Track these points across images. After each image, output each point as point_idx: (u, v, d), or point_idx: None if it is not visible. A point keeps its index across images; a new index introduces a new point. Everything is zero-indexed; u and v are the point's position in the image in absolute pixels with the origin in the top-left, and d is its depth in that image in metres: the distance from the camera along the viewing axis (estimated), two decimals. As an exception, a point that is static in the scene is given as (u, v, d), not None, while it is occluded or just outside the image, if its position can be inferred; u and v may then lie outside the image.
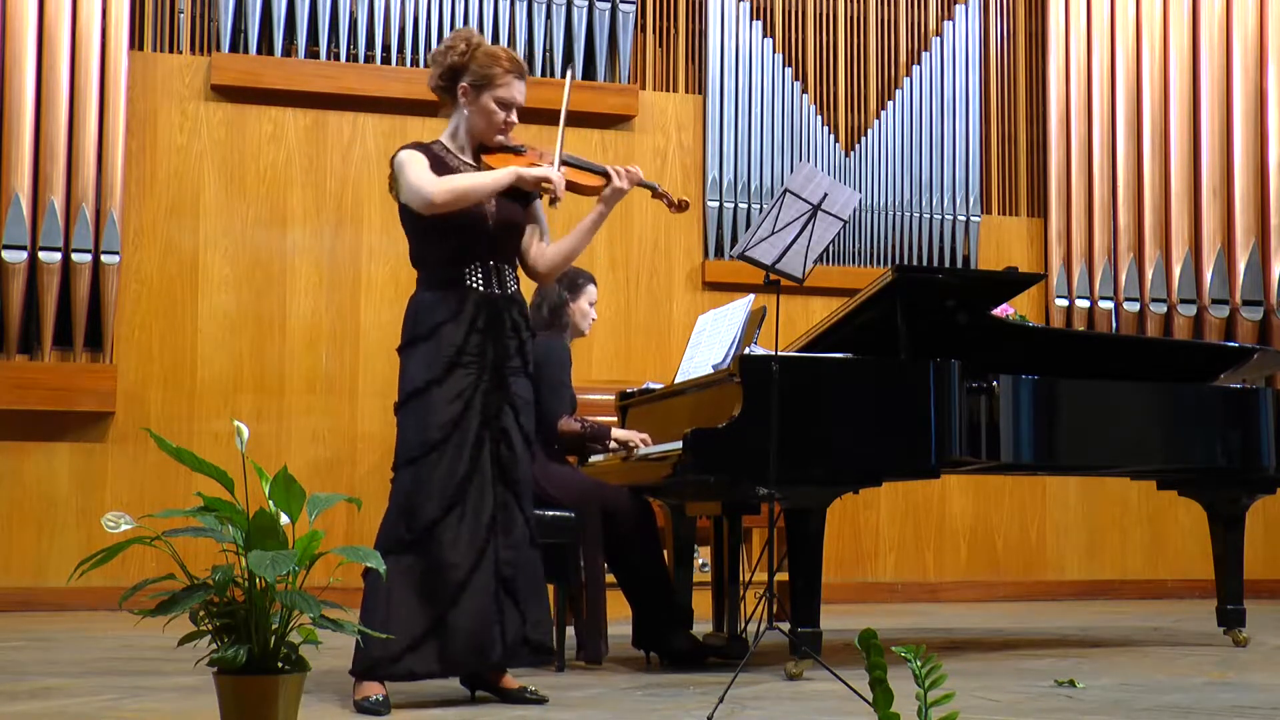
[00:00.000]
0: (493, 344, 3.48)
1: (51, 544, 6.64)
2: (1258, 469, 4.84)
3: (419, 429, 3.44)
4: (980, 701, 3.51)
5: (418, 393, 3.45)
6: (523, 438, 3.52)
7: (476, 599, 3.37)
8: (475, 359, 3.46)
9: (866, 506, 7.55)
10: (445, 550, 3.36)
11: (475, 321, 3.46)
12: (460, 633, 3.35)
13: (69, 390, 6.60)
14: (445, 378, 3.43)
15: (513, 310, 3.53)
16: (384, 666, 3.35)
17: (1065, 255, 7.99)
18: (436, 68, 3.61)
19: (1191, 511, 7.10)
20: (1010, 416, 4.29)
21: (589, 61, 7.38)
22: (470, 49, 3.56)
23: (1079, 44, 8.09)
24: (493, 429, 3.45)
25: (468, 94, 3.57)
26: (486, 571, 3.39)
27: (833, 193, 3.89)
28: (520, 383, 3.53)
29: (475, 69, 3.55)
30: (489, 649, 3.38)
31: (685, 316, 7.33)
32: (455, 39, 3.60)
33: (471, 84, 3.55)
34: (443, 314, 3.46)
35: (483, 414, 3.44)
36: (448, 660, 3.37)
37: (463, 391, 3.43)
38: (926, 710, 2.06)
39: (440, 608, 3.36)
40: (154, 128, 6.95)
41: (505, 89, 3.54)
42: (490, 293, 3.50)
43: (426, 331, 3.47)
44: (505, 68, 3.54)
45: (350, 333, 7.07)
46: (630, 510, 4.42)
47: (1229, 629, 5.02)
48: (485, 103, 3.55)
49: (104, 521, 2.54)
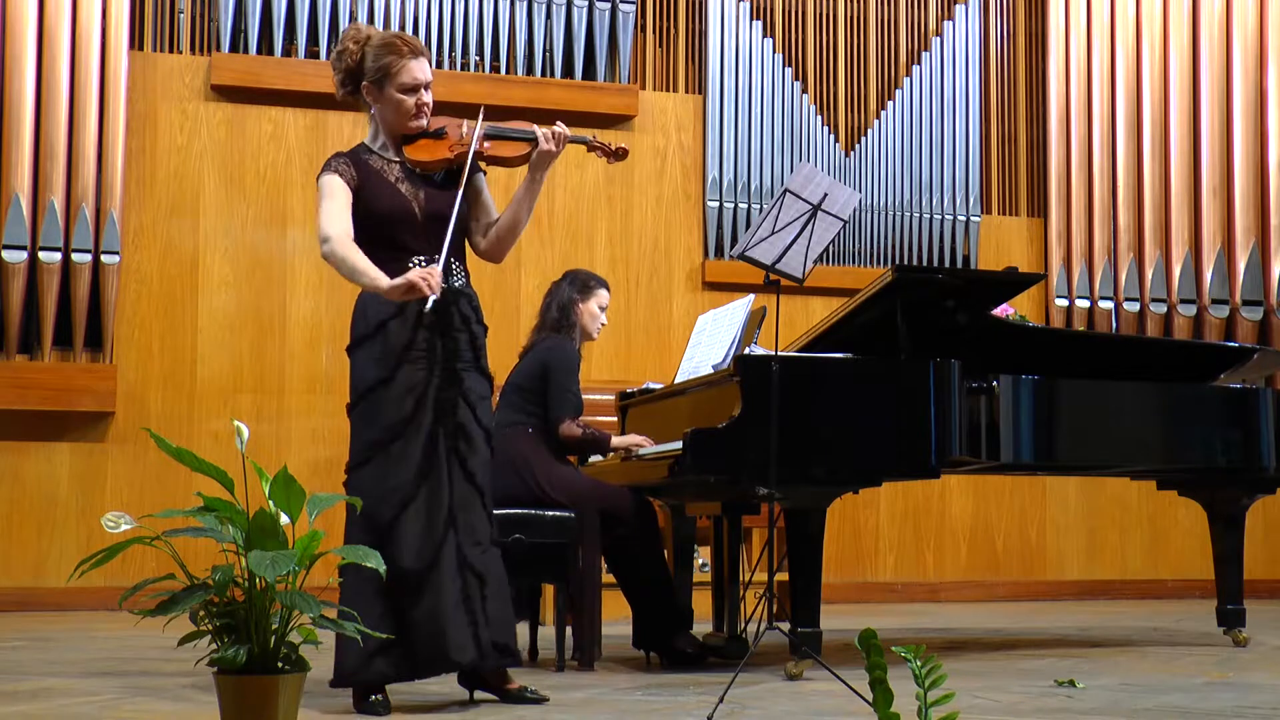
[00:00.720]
0: (441, 339, 3.41)
1: (51, 544, 6.64)
2: (1258, 469, 4.84)
3: (371, 429, 3.38)
4: (980, 701, 3.51)
5: (369, 391, 3.39)
6: (482, 432, 3.44)
7: (436, 597, 3.30)
8: (424, 354, 3.39)
9: (866, 506, 7.55)
10: (402, 549, 3.31)
11: (421, 316, 3.38)
12: (424, 632, 3.29)
13: (69, 390, 6.60)
14: (394, 375, 3.37)
15: (461, 303, 3.46)
16: (356, 673, 3.30)
17: (1065, 255, 7.99)
18: (336, 75, 3.52)
19: (1191, 511, 7.11)
20: (1010, 416, 4.29)
21: (589, 61, 7.37)
22: (361, 45, 3.48)
23: (1079, 44, 8.09)
24: (447, 425, 3.38)
25: (371, 92, 3.48)
26: (447, 570, 3.32)
27: (833, 193, 3.89)
28: (473, 377, 3.45)
29: (371, 65, 3.46)
30: (458, 650, 3.30)
31: (685, 316, 7.33)
32: (345, 41, 3.51)
33: (373, 81, 3.47)
34: (388, 310, 3.38)
35: (435, 410, 3.37)
36: (415, 661, 3.31)
37: (414, 388, 3.37)
38: (926, 710, 2.06)
39: (402, 608, 3.30)
40: (154, 128, 6.96)
41: (406, 73, 3.45)
42: None
43: (373, 329, 3.41)
44: (400, 53, 3.45)
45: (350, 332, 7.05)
46: (631, 510, 4.42)
47: (1229, 629, 5.02)
48: (390, 94, 3.46)
49: (104, 521, 2.54)
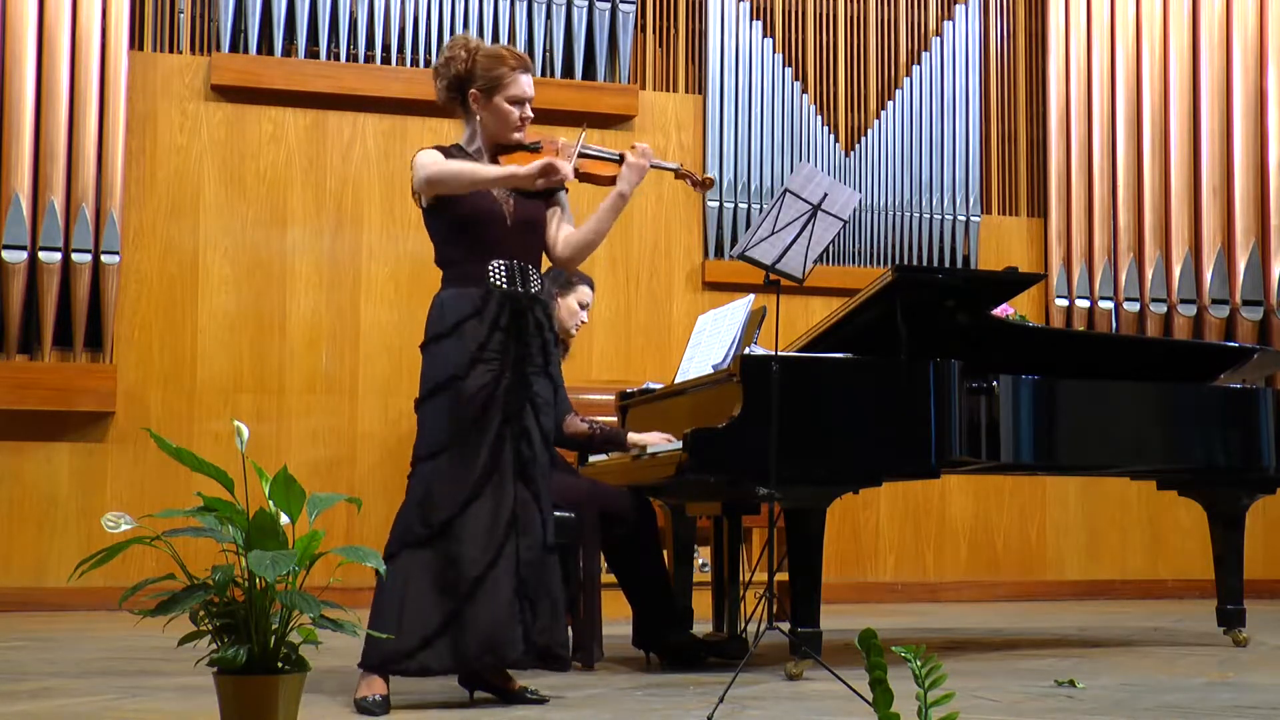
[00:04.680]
0: (515, 342, 3.48)
1: (51, 544, 6.64)
2: (1258, 469, 4.84)
3: (441, 423, 3.43)
4: (980, 701, 3.51)
5: (440, 388, 3.45)
6: (542, 437, 3.52)
7: (493, 596, 3.35)
8: (498, 356, 3.45)
9: (866, 506, 7.55)
10: (464, 546, 3.35)
11: (498, 319, 3.46)
12: (476, 630, 3.33)
13: (69, 390, 6.60)
14: (468, 374, 3.43)
15: (536, 309, 3.53)
16: (397, 662, 3.34)
17: (1065, 255, 7.99)
18: (441, 80, 3.62)
19: (1191, 511, 7.09)
20: (1010, 416, 4.29)
21: (589, 61, 7.37)
22: (471, 55, 3.58)
23: (1079, 44, 8.10)
24: (514, 427, 3.45)
25: (478, 100, 3.58)
26: (505, 569, 3.37)
27: (833, 193, 3.89)
28: (541, 382, 3.52)
29: (481, 74, 3.56)
30: (506, 648, 3.36)
31: (685, 316, 7.33)
32: (454, 49, 3.60)
33: (481, 89, 3.57)
34: (466, 311, 3.46)
35: (504, 411, 3.44)
36: (462, 657, 3.35)
37: (485, 387, 3.43)
38: (926, 710, 2.06)
39: (456, 603, 3.34)
40: (154, 128, 6.96)
41: (515, 86, 3.56)
42: (514, 290, 3.50)
43: (450, 328, 3.47)
44: (511, 65, 3.56)
45: (350, 333, 7.07)
46: (630, 510, 4.42)
47: (1229, 629, 5.02)
48: (498, 104, 3.57)
49: (104, 521, 2.54)
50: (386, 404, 7.01)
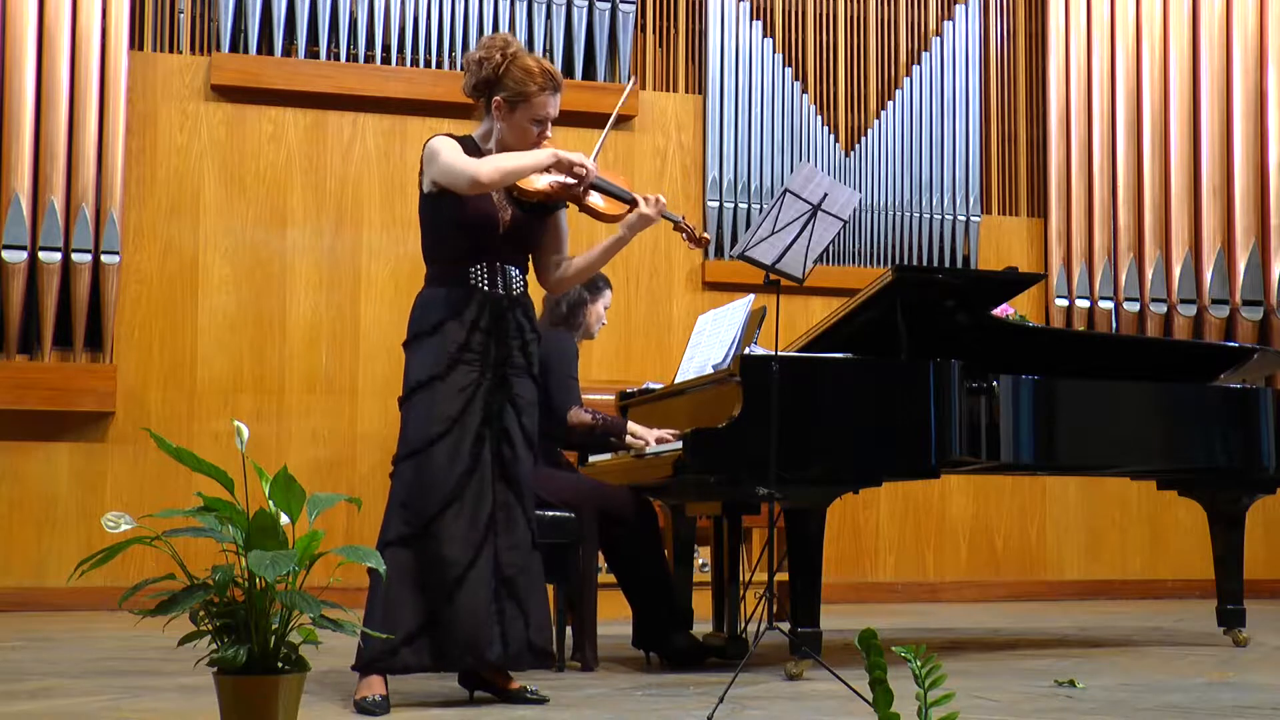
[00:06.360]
0: (495, 343, 3.49)
1: (51, 544, 6.64)
2: (1258, 469, 4.84)
3: (421, 423, 3.46)
4: (980, 701, 3.51)
5: (420, 387, 3.48)
6: (524, 438, 3.53)
7: (472, 596, 3.37)
8: (478, 357, 3.47)
9: (866, 506, 7.55)
10: (443, 546, 3.38)
11: (479, 320, 3.48)
12: (455, 629, 3.36)
13: (69, 390, 6.60)
14: (448, 373, 3.45)
15: (517, 312, 3.54)
16: (382, 660, 3.36)
17: (1065, 255, 7.99)
18: (471, 77, 3.59)
19: (1191, 511, 7.09)
20: (1010, 416, 4.29)
21: (589, 61, 7.38)
22: (505, 61, 3.53)
23: (1079, 44, 8.10)
24: (494, 427, 3.47)
25: (501, 109, 3.55)
26: (484, 569, 3.39)
27: (833, 193, 3.89)
28: (523, 383, 3.54)
29: (510, 84, 3.52)
30: (484, 647, 3.38)
31: (685, 316, 7.33)
32: (491, 48, 3.55)
33: (506, 99, 3.54)
34: (447, 311, 3.48)
35: (484, 412, 3.46)
36: (441, 655, 3.37)
37: (465, 388, 3.45)
38: (926, 710, 2.06)
39: (435, 603, 3.37)
40: (154, 128, 6.96)
41: (540, 107, 3.53)
42: (495, 293, 3.51)
43: (431, 327, 3.49)
44: (540, 84, 3.52)
45: (350, 333, 7.07)
46: (631, 510, 4.42)
47: (1229, 629, 5.02)
48: (519, 120, 3.54)
49: (104, 521, 2.54)
50: (386, 404, 7.00)
